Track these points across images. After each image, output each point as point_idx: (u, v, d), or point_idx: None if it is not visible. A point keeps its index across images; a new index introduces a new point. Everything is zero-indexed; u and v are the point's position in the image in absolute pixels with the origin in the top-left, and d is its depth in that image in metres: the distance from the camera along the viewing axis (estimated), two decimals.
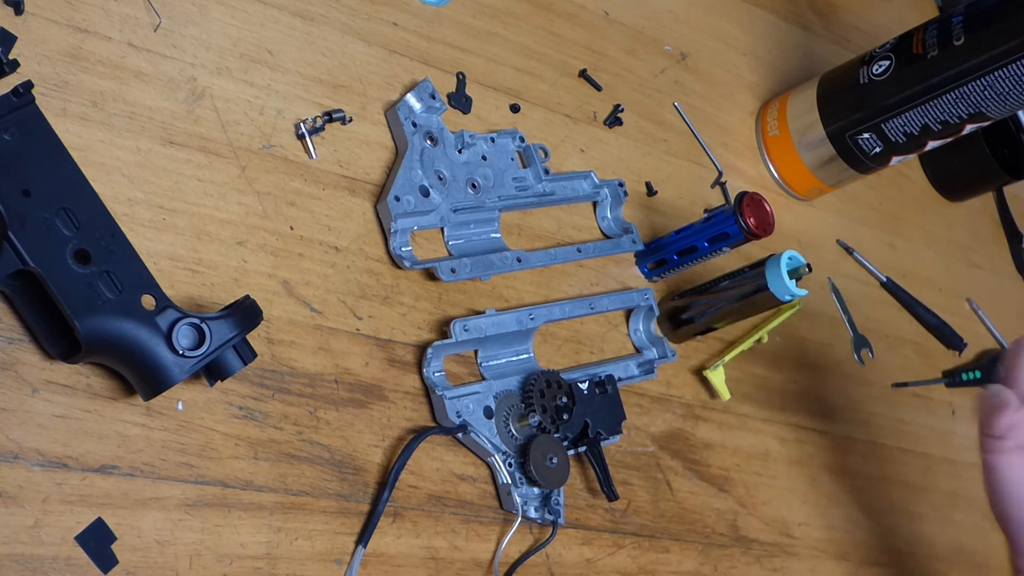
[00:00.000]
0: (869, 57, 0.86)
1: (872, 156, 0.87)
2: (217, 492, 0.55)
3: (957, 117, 0.82)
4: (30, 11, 0.55)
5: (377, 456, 0.61)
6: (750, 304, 0.74)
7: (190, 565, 0.53)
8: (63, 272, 0.49)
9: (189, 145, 0.59)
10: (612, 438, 0.70)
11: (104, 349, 0.50)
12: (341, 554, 0.58)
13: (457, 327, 0.65)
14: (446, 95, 0.71)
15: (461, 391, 0.64)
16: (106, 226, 0.51)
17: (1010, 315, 1.10)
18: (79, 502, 0.51)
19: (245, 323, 0.53)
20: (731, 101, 0.91)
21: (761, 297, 0.73)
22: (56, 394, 0.52)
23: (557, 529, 0.66)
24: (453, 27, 0.73)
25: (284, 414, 0.58)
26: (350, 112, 0.66)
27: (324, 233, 0.63)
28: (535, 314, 0.69)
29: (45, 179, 0.50)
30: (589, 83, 0.80)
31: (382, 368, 0.63)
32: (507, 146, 0.72)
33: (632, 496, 0.71)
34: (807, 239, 0.92)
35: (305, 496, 0.58)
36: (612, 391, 0.70)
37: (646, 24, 0.87)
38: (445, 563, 0.62)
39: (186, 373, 0.51)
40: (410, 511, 0.61)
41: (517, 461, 0.65)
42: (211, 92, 0.61)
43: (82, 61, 0.56)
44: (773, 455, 0.81)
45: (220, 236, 0.59)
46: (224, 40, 0.62)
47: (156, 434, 0.54)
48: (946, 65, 0.80)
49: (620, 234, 0.76)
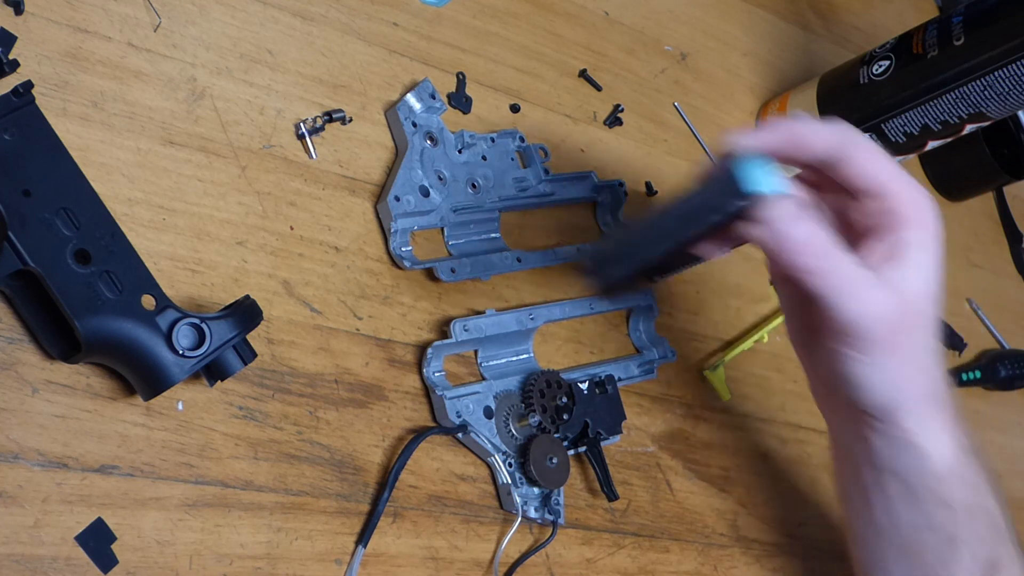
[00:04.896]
0: (869, 57, 0.85)
1: None
2: (217, 492, 0.55)
3: (957, 117, 0.82)
4: (30, 11, 0.55)
5: (377, 456, 0.61)
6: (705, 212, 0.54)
7: (190, 565, 0.53)
8: (63, 272, 0.49)
9: (189, 145, 0.59)
10: (612, 438, 0.70)
11: (104, 349, 0.50)
12: (341, 554, 0.58)
13: (457, 327, 0.65)
14: (446, 95, 0.71)
15: (461, 391, 0.64)
16: (106, 226, 0.51)
17: (1010, 315, 1.10)
18: (79, 502, 0.51)
19: (245, 323, 0.53)
20: (731, 101, 0.91)
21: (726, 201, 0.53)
22: (56, 394, 0.52)
23: (557, 529, 0.66)
24: (453, 27, 0.73)
25: (284, 414, 0.58)
26: (350, 112, 0.66)
27: (324, 233, 0.63)
28: (535, 314, 0.69)
29: (45, 179, 0.50)
30: (589, 83, 0.80)
31: (382, 368, 0.63)
32: (507, 146, 0.72)
33: (632, 496, 0.72)
34: None
35: (305, 496, 0.58)
36: (612, 391, 0.70)
37: (646, 24, 0.87)
38: (445, 563, 0.62)
39: (186, 373, 0.51)
40: (410, 511, 0.61)
41: (517, 461, 0.65)
42: (211, 92, 0.61)
43: (82, 61, 0.56)
44: (773, 455, 0.81)
45: (220, 236, 0.59)
46: (224, 40, 0.62)
47: (156, 434, 0.54)
48: (946, 65, 0.80)
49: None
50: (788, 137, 0.56)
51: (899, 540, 0.64)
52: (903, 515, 0.63)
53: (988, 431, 1.01)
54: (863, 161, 0.56)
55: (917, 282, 0.57)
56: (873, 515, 0.64)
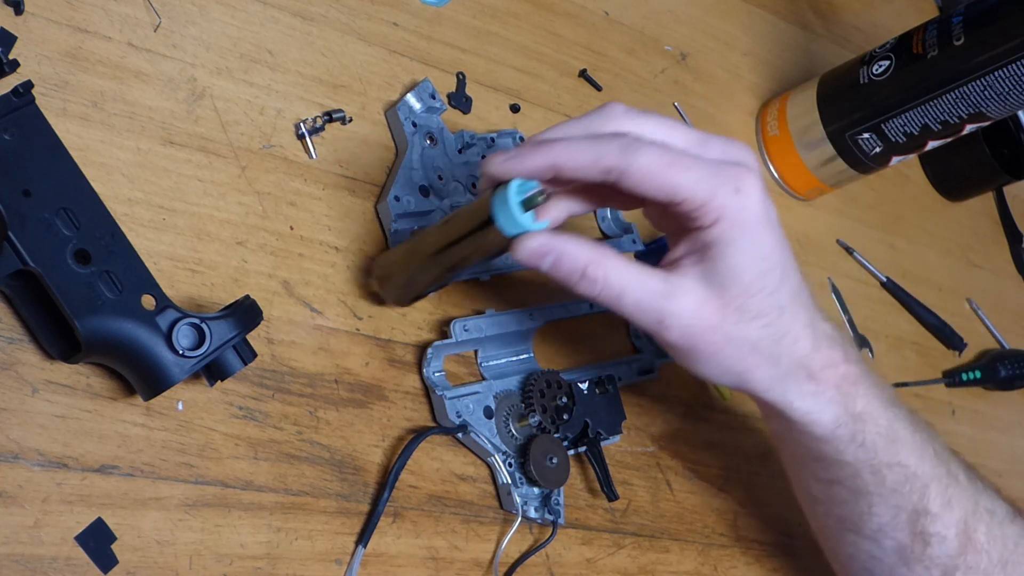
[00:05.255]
0: (869, 57, 0.86)
1: (872, 156, 0.87)
2: (217, 492, 0.55)
3: (957, 117, 0.82)
4: (30, 11, 0.55)
5: (377, 456, 0.61)
6: (477, 243, 0.57)
7: (190, 565, 0.53)
8: (63, 272, 0.49)
9: (189, 145, 0.59)
10: (612, 438, 0.70)
11: (104, 349, 0.50)
12: (341, 554, 0.58)
13: (457, 327, 0.65)
14: (446, 95, 0.71)
15: (461, 391, 0.64)
16: (106, 226, 0.51)
17: (1010, 315, 1.10)
18: (79, 502, 0.51)
19: (245, 323, 0.53)
20: (731, 101, 0.91)
21: (489, 233, 0.55)
22: (56, 394, 0.52)
23: (557, 529, 0.66)
24: (453, 27, 0.73)
25: (284, 414, 0.58)
26: (350, 112, 0.66)
27: (324, 233, 0.63)
28: (535, 314, 0.69)
29: (45, 179, 0.50)
30: (589, 83, 0.80)
31: (382, 368, 0.63)
32: (507, 146, 0.71)
33: (632, 496, 0.72)
34: (807, 239, 0.92)
35: (305, 496, 0.58)
36: (612, 391, 0.70)
37: (646, 24, 0.87)
38: (445, 563, 0.62)
39: (186, 373, 0.51)
40: (410, 511, 0.61)
41: (517, 461, 0.65)
42: (211, 92, 0.61)
43: (82, 61, 0.56)
44: (773, 455, 0.81)
45: (220, 236, 0.59)
46: (224, 40, 0.62)
47: (156, 434, 0.54)
48: (946, 65, 0.80)
49: (620, 234, 0.76)
50: (549, 165, 0.54)
51: (813, 499, 0.68)
52: (808, 478, 0.67)
53: (988, 431, 1.01)
54: (639, 176, 0.53)
55: (730, 275, 0.55)
56: (795, 482, 0.69)
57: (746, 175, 0.54)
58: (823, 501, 0.67)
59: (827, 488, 0.66)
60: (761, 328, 0.57)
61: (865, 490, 0.64)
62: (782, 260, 0.57)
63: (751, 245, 0.55)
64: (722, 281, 0.55)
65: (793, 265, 0.58)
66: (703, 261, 0.55)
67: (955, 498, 0.64)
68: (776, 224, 0.56)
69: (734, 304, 0.56)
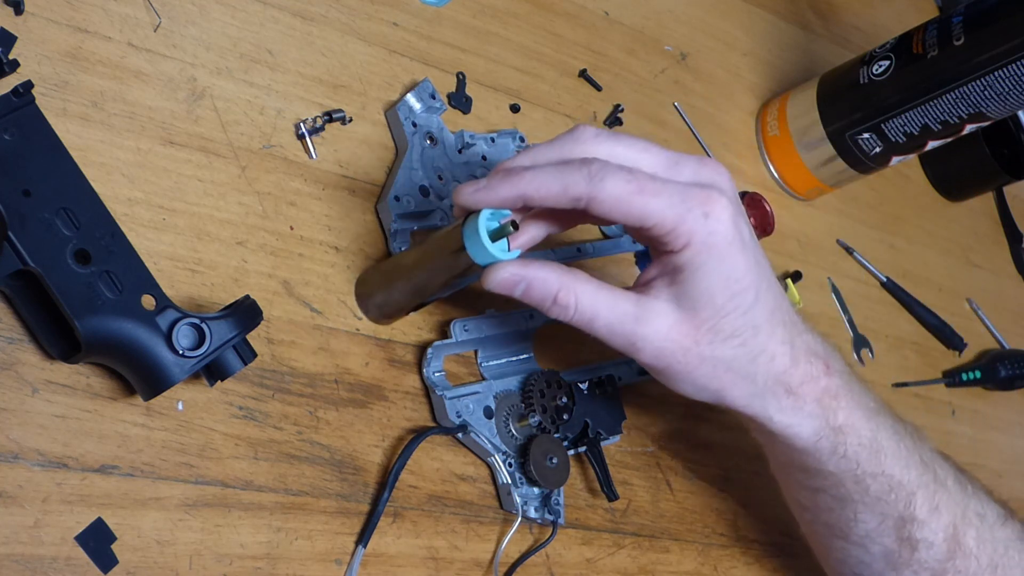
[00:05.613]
0: (869, 57, 0.86)
1: (872, 156, 0.87)
2: (217, 492, 0.55)
3: (957, 117, 0.82)
4: (30, 11, 0.55)
5: (377, 456, 0.61)
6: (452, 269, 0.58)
7: (190, 565, 0.53)
8: (63, 272, 0.49)
9: (189, 145, 0.59)
10: (612, 438, 0.70)
11: (104, 349, 0.50)
12: (341, 554, 0.58)
13: (457, 327, 0.65)
14: (446, 95, 0.71)
15: (461, 391, 0.64)
16: (106, 226, 0.51)
17: (1010, 315, 1.10)
18: (79, 502, 0.51)
19: (245, 323, 0.53)
20: (731, 101, 0.91)
21: (462, 260, 0.57)
22: (56, 394, 0.52)
23: (557, 529, 0.66)
24: (453, 27, 0.73)
25: (284, 414, 0.58)
26: (350, 112, 0.66)
27: (324, 233, 0.63)
28: (535, 314, 0.69)
29: (45, 179, 0.50)
30: (589, 83, 0.80)
31: (382, 368, 0.63)
32: (507, 146, 0.71)
33: (632, 496, 0.72)
34: (807, 239, 0.92)
35: (305, 496, 0.58)
36: (612, 391, 0.70)
37: (646, 24, 0.87)
38: (445, 563, 0.62)
39: (186, 373, 0.51)
40: (410, 511, 0.61)
41: (517, 461, 0.65)
42: (211, 92, 0.61)
43: (82, 61, 0.56)
44: None
45: (220, 236, 0.59)
46: (224, 40, 0.62)
47: (156, 434, 0.54)
48: (946, 65, 0.80)
49: (620, 234, 0.76)
50: (517, 195, 0.54)
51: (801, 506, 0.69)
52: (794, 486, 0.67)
53: (988, 431, 1.01)
54: (607, 204, 0.53)
55: (701, 298, 0.56)
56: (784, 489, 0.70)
57: (716, 198, 0.54)
58: (810, 508, 0.68)
59: (813, 496, 0.66)
60: (735, 348, 0.57)
61: (850, 498, 0.64)
62: (755, 280, 0.57)
63: (721, 268, 0.55)
64: (693, 304, 0.56)
65: (769, 284, 0.58)
66: (674, 284, 0.56)
67: (943, 504, 0.65)
68: (749, 244, 0.56)
69: (706, 326, 0.56)
